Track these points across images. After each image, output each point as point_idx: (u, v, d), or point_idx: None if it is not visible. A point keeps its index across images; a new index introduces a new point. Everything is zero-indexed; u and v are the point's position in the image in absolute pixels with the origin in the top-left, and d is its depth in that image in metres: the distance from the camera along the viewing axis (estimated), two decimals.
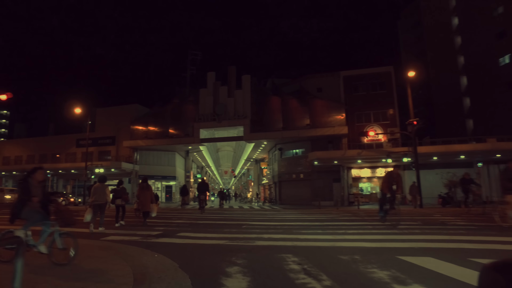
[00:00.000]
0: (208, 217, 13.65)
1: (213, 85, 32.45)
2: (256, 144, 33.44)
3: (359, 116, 29.23)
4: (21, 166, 39.23)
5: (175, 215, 15.26)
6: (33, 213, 4.66)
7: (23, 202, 4.60)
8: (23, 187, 4.70)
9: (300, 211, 17.92)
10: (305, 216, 13.25)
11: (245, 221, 11.04)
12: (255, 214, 15.50)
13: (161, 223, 10.91)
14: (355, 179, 29.18)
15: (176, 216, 14.50)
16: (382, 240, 6.49)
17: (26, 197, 4.61)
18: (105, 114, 38.32)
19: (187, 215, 14.83)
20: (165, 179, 37.12)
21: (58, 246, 4.51)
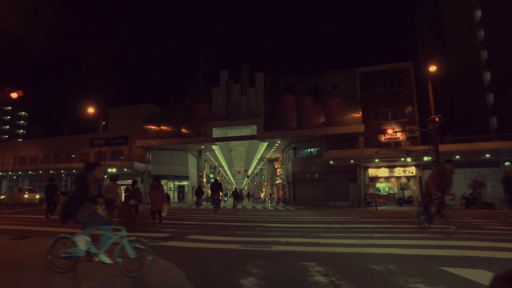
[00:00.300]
0: (220, 218, 13.08)
1: (226, 84, 31.94)
2: (270, 143, 32.77)
3: (376, 114, 28.21)
4: (36, 166, 39.67)
5: (187, 215, 14.76)
6: (95, 216, 4.11)
7: (79, 201, 3.96)
8: (81, 185, 4.04)
9: (316, 212, 17.18)
10: (322, 218, 12.51)
11: (260, 223, 10.41)
12: (270, 215, 14.85)
13: (171, 224, 10.39)
14: (372, 179, 28.17)
15: (188, 216, 13.98)
16: (415, 246, 5.74)
17: (87, 197, 3.98)
18: (118, 114, 38.31)
19: (199, 216, 14.29)
20: (178, 179, 36.82)
21: (129, 255, 3.77)
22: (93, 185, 4.12)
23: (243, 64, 31.95)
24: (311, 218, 12.32)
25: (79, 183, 4.08)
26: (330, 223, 10.06)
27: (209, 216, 13.87)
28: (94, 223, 4.01)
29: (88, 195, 3.99)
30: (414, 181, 27.33)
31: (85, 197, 3.97)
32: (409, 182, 27.76)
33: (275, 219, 12.17)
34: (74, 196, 4.03)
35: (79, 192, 4.00)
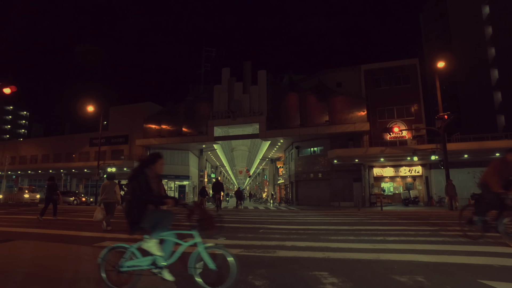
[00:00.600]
0: (222, 219, 12.44)
1: (227, 81, 31.34)
2: (272, 142, 32.13)
3: (382, 112, 27.53)
4: (35, 165, 39.21)
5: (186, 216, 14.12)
6: (161, 216, 3.32)
7: (143, 204, 3.23)
8: (141, 183, 3.26)
9: (321, 213, 16.53)
10: (328, 219, 11.87)
11: (262, 224, 9.78)
12: (272, 216, 14.22)
13: None
14: (376, 178, 27.49)
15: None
16: (439, 251, 5.09)
17: (153, 198, 3.28)
18: (118, 112, 37.81)
19: None
20: (178, 178, 36.26)
21: (208, 265, 3.13)
22: (154, 182, 3.38)
23: (245, 61, 31.35)
24: (316, 219, 11.69)
25: (137, 180, 3.28)
26: (338, 225, 9.42)
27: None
28: (162, 225, 3.27)
29: (153, 196, 3.30)
30: (420, 181, 26.63)
31: (149, 198, 3.24)
32: (415, 182, 27.06)
33: (278, 220, 11.54)
34: (135, 198, 3.23)
35: (139, 192, 3.21)
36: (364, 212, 17.19)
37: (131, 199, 3.26)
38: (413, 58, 27.86)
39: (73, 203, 28.72)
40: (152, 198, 3.26)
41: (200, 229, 3.22)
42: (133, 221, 3.21)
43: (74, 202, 28.89)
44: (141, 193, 3.20)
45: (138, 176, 3.29)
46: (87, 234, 7.66)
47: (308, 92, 29.07)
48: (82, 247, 5.81)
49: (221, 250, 3.19)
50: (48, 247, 5.88)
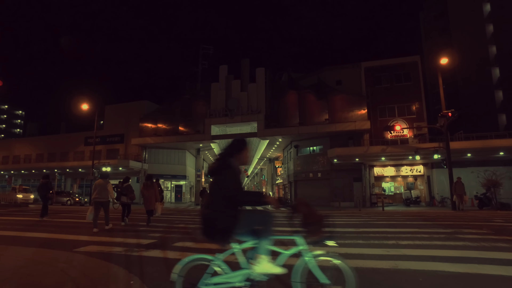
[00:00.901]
0: (328, 220, 11.82)
1: (225, 79, 30.70)
2: (271, 141, 31.52)
3: (382, 110, 26.99)
4: (29, 164, 38.40)
5: (181, 217, 13.50)
6: (263, 221, 2.56)
7: (232, 203, 2.48)
8: (229, 177, 2.51)
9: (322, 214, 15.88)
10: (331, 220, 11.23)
11: None
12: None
13: (161, 227, 9.15)
14: (377, 178, 26.93)
15: (181, 218, 12.72)
16: (466, 259, 4.47)
17: (249, 198, 2.51)
18: (114, 111, 37.08)
19: (193, 217, 13.05)
20: (175, 178, 35.57)
21: (319, 279, 2.45)
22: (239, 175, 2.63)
23: (243, 59, 30.74)
24: None
25: (225, 174, 2.51)
26: (343, 227, 8.81)
27: None
28: (264, 230, 2.51)
29: (250, 194, 2.59)
30: (422, 181, 26.10)
31: (245, 197, 2.50)
32: (416, 182, 26.52)
33: (277, 221, 10.91)
34: (221, 198, 2.47)
35: (229, 189, 2.45)
36: (366, 213, 16.60)
37: (213, 200, 2.51)
38: (414, 56, 27.33)
39: (67, 204, 28.04)
40: (251, 198, 2.51)
41: (307, 233, 2.52)
42: (224, 228, 2.42)
43: (67, 202, 28.22)
44: (232, 191, 2.45)
45: (226, 169, 2.52)
46: (71, 237, 7.03)
47: (307, 90, 28.49)
48: (60, 253, 5.16)
49: (337, 259, 2.52)
50: (16, 253, 5.22)
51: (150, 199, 10.09)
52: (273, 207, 2.52)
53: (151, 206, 10.13)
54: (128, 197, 10.28)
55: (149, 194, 10.13)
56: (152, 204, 10.16)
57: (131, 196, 10.37)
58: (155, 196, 10.33)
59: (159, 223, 10.16)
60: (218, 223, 2.43)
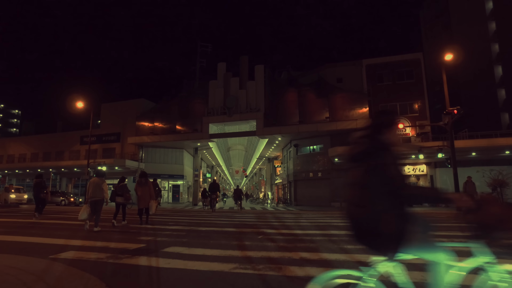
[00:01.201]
0: (214, 221, 11.24)
1: (223, 77, 30.07)
2: (270, 140, 30.91)
3: (384, 109, 26.36)
4: (23, 164, 37.69)
5: (176, 218, 12.88)
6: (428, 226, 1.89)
7: (400, 201, 1.81)
8: (389, 161, 1.87)
9: (324, 214, 15.33)
10: (336, 221, 10.64)
11: (260, 228, 8.57)
12: (271, 217, 12.99)
13: (152, 228, 8.53)
14: None
15: (176, 220, 12.09)
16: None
17: (429, 194, 1.92)
18: (110, 109, 36.40)
19: (189, 219, 12.43)
20: (172, 178, 34.93)
21: None
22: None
23: (242, 56, 30.09)
24: (322, 222, 10.49)
25: (382, 158, 1.86)
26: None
27: (201, 219, 12.02)
28: (430, 235, 1.86)
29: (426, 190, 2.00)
30: (425, 180, 25.52)
31: (423, 193, 1.92)
32: (419, 181, 25.92)
33: (278, 223, 10.32)
34: (383, 194, 1.78)
35: (396, 180, 1.81)
36: None
37: (370, 196, 1.79)
38: (417, 53, 26.77)
39: (61, 204, 27.35)
40: (424, 193, 1.91)
41: (491, 240, 1.79)
42: (392, 234, 1.73)
43: (62, 202, 27.51)
44: (402, 184, 1.80)
45: (383, 150, 1.89)
46: (54, 241, 6.38)
47: (307, 88, 27.90)
48: (34, 261, 4.55)
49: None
50: None
51: (144, 197, 9.72)
52: (460, 205, 1.80)
53: (146, 204, 9.76)
54: (123, 198, 9.92)
55: (143, 192, 9.76)
56: (146, 202, 9.76)
57: (126, 196, 9.98)
58: (150, 194, 9.91)
59: (152, 225, 9.54)
60: (384, 226, 1.73)
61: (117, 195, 9.99)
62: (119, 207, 9.86)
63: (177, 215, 14.93)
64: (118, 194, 9.98)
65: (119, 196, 9.96)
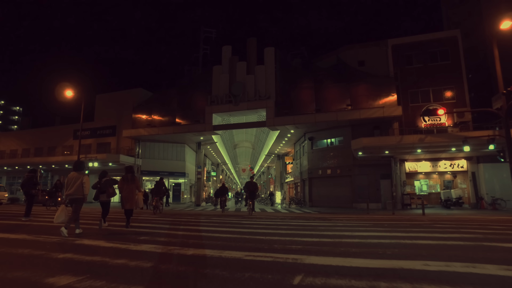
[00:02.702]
0: (217, 227, 7.86)
1: (228, 61, 26.74)
2: (281, 133, 27.46)
3: (414, 95, 22.81)
4: (10, 160, 34.76)
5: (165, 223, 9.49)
6: None
7: None
8: None
9: (350, 218, 11.82)
10: (378, 233, 7.22)
11: (280, 241, 5.21)
12: (292, 225, 9.54)
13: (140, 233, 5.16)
14: (409, 174, 22.75)
15: (162, 225, 8.72)
16: None
17: None
18: (105, 100, 33.30)
19: (187, 221, 9.08)
20: (173, 175, 31.68)
21: None
22: None
23: (250, 38, 26.72)
24: (358, 232, 7.07)
25: None
26: (414, 239, 4.73)
27: (200, 225, 8.64)
28: None
29: None
30: (464, 178, 21.88)
31: None
32: (456, 179, 22.28)
33: (303, 232, 6.90)
34: None
35: None
36: (409, 219, 12.47)
37: None
38: (454, 30, 23.08)
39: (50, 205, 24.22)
40: None
41: None
42: None
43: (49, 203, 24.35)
44: None
45: None
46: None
47: (325, 73, 24.44)
48: None
49: None
50: None
51: (130, 197, 8.37)
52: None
53: (131, 205, 8.40)
54: (106, 194, 8.32)
55: (129, 190, 8.35)
56: (132, 203, 8.41)
57: (109, 192, 8.31)
58: (136, 191, 8.56)
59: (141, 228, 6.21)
60: None
61: (101, 192, 8.45)
62: (105, 206, 8.43)
63: (177, 217, 11.55)
64: (102, 192, 8.41)
65: (102, 193, 8.39)
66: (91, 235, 6.52)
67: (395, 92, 22.31)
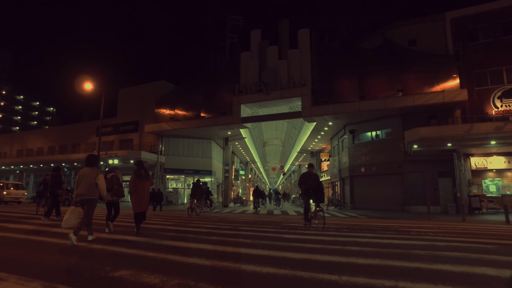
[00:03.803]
0: (271, 252, 5.12)
1: (258, 46, 24.03)
2: (317, 127, 24.37)
3: (481, 76, 18.95)
4: (33, 158, 33.97)
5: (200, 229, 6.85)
6: None
7: None
8: None
9: (428, 227, 8.61)
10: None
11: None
12: (362, 241, 6.60)
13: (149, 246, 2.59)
14: (475, 172, 18.94)
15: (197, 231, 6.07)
16: None
17: None
18: (128, 94, 31.61)
19: (220, 235, 6.38)
20: (199, 174, 29.39)
21: None
22: None
23: (282, 20, 23.84)
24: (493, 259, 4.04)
25: None
26: None
27: (243, 246, 5.93)
28: None
29: None
30: None
31: None
32: None
33: (413, 265, 3.98)
34: None
35: None
36: (496, 231, 9.08)
37: None
38: None
39: (65, 204, 22.69)
40: None
41: None
42: None
43: (66, 202, 22.83)
44: None
45: None
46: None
47: (369, 55, 21.10)
48: None
49: None
50: None
51: (142, 197, 6.72)
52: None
53: (144, 207, 6.76)
54: (113, 193, 7.11)
55: (142, 188, 6.72)
56: (145, 205, 6.78)
57: (116, 191, 7.15)
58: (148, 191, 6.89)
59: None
60: None
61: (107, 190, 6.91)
62: (111, 207, 7.21)
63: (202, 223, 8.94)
64: (107, 190, 6.89)
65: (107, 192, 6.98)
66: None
67: (457, 73, 18.65)
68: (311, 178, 8.51)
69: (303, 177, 8.55)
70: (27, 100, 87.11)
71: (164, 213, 15.52)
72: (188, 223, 9.45)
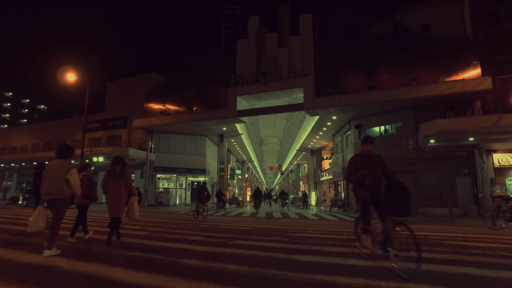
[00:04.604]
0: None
1: (256, 33, 22.03)
2: (319, 121, 22.40)
3: (505, 63, 17.05)
4: (17, 156, 31.70)
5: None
6: None
7: None
8: None
9: (465, 235, 6.64)
10: None
11: None
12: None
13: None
14: (497, 170, 17.03)
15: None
16: None
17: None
18: (117, 88, 29.49)
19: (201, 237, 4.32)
20: (192, 173, 27.34)
21: None
22: None
23: (282, 4, 21.86)
24: None
25: None
26: None
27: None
28: None
29: None
30: None
31: None
32: None
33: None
34: None
35: None
36: None
37: None
38: None
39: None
40: None
41: None
42: None
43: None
44: None
45: None
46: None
47: (378, 41, 19.17)
48: None
49: None
50: None
51: (112, 199, 5.37)
52: None
53: (118, 212, 5.38)
54: (85, 196, 5.86)
55: (115, 189, 5.39)
56: (119, 209, 5.38)
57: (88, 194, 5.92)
58: (129, 192, 5.60)
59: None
60: None
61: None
62: (81, 210, 5.93)
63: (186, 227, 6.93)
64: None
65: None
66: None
67: (478, 60, 16.75)
68: (371, 163, 4.18)
69: (356, 161, 4.27)
70: (16, 97, 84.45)
71: (164, 216, 13.45)
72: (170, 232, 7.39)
